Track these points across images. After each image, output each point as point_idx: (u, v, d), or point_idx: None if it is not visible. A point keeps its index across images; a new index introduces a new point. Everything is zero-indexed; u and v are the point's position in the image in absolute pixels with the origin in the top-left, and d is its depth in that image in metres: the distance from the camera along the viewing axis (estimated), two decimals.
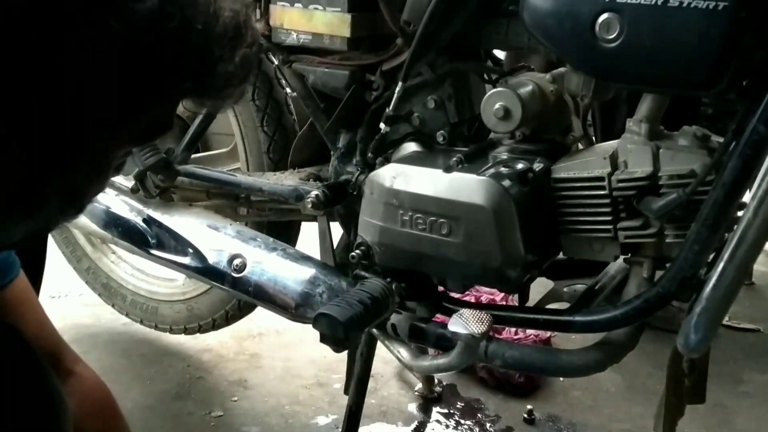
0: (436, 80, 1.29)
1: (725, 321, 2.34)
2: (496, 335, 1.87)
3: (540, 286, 1.30)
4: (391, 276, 1.21)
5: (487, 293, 1.99)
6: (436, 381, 1.98)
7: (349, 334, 1.03)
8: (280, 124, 1.70)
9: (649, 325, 1.30)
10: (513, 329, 1.92)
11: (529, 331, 1.97)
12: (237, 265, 1.37)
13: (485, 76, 1.32)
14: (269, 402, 1.93)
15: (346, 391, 1.57)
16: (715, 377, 2.02)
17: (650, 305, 1.02)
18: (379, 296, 1.11)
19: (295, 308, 1.32)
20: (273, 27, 1.36)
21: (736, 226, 0.86)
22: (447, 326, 1.08)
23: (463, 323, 1.05)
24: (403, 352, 1.26)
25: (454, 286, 1.25)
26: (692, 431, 1.83)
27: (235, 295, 1.57)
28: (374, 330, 1.28)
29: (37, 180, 0.62)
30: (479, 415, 1.90)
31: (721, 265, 0.87)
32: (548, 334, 2.01)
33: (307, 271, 1.35)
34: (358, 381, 1.48)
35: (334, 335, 1.03)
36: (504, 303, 1.93)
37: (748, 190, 0.92)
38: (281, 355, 2.14)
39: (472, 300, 1.94)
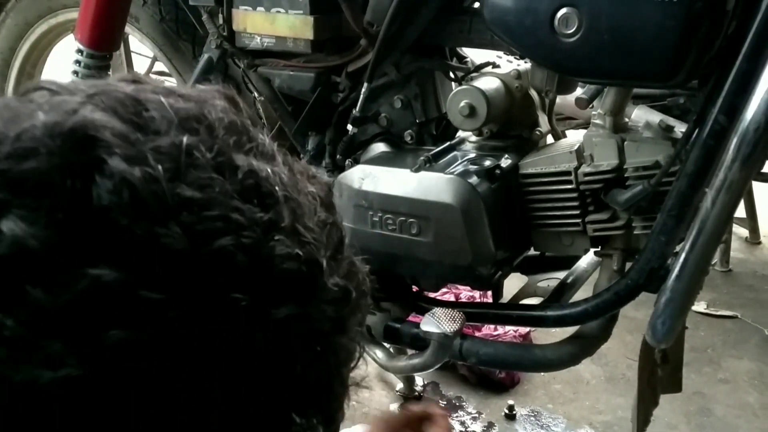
0: (401, 80, 1.29)
1: (703, 308, 2.37)
2: (475, 332, 1.88)
3: (519, 282, 1.30)
4: None
5: (465, 291, 2.00)
6: (417, 380, 1.98)
7: None
8: None
9: None
10: (492, 326, 1.92)
11: (508, 327, 1.97)
12: None
13: (451, 74, 1.32)
14: None
15: None
16: (693, 365, 2.05)
17: (620, 297, 1.03)
18: None
19: None
20: (236, 31, 1.36)
21: (695, 217, 0.87)
22: (420, 326, 1.08)
23: (436, 322, 1.05)
24: (379, 353, 1.26)
25: (428, 285, 1.25)
26: (671, 420, 1.85)
27: None
28: None
29: None
30: (461, 412, 1.90)
31: (683, 255, 0.88)
32: (527, 329, 2.01)
33: None
34: None
35: None
36: (481, 300, 1.93)
37: None
38: None
39: (451, 298, 1.94)
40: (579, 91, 1.18)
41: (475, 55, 1.38)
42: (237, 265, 0.41)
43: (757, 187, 2.62)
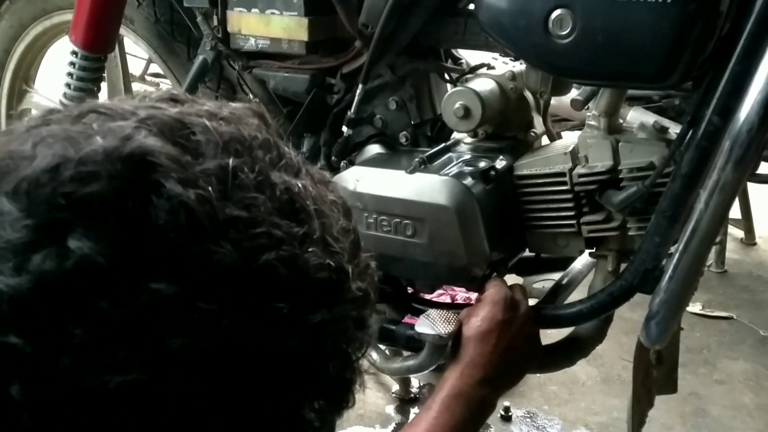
0: (396, 81, 1.29)
1: (698, 309, 2.37)
2: None
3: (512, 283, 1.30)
4: None
5: (461, 292, 2.00)
6: (413, 382, 1.98)
7: None
8: None
9: None
10: None
11: None
12: None
13: (446, 75, 1.32)
14: None
15: None
16: (688, 366, 2.06)
17: (615, 298, 1.03)
18: None
19: None
20: (231, 33, 1.36)
21: (689, 218, 0.87)
22: (414, 328, 1.07)
23: (431, 324, 1.05)
24: (374, 355, 1.26)
25: (423, 286, 1.25)
26: (667, 420, 1.85)
27: None
28: None
29: None
30: None
31: (677, 256, 0.88)
32: None
33: None
34: None
35: None
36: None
37: None
38: None
39: (448, 299, 1.94)
40: (574, 93, 1.19)
41: (469, 56, 1.38)
42: (279, 276, 0.46)
43: (752, 188, 2.63)
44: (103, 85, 1.77)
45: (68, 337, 0.40)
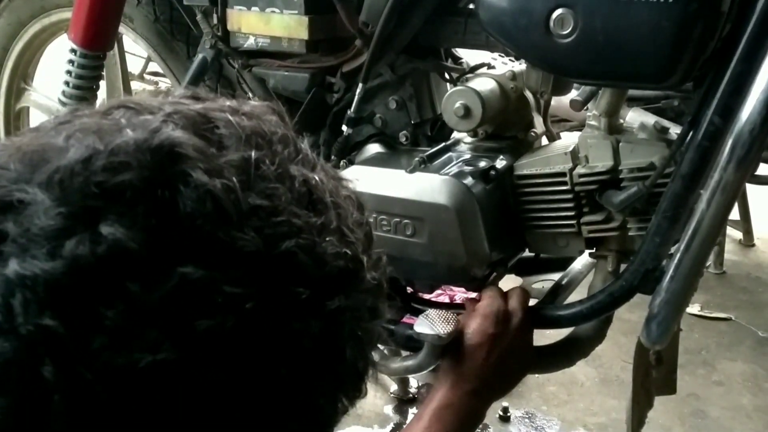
0: (396, 81, 1.28)
1: (697, 311, 2.37)
2: None
3: (513, 283, 1.29)
4: None
5: (460, 292, 1.99)
6: (411, 382, 1.97)
7: None
8: None
9: None
10: None
11: None
12: None
13: (446, 75, 1.32)
14: None
15: None
16: (687, 367, 2.06)
17: (615, 299, 1.03)
18: None
19: None
20: (231, 31, 1.35)
21: (690, 218, 0.87)
22: (413, 327, 1.07)
23: (429, 324, 1.05)
24: (373, 354, 1.25)
25: (422, 286, 1.24)
26: (666, 422, 1.85)
27: None
28: None
29: None
30: None
31: (678, 256, 0.87)
32: None
33: None
34: None
35: None
36: None
37: None
38: None
39: (446, 299, 1.94)
40: (573, 93, 1.18)
41: (470, 56, 1.38)
42: (299, 263, 0.48)
43: (750, 189, 2.63)
44: (102, 84, 1.77)
45: (101, 318, 0.42)
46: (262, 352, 0.47)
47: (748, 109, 0.81)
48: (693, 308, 2.37)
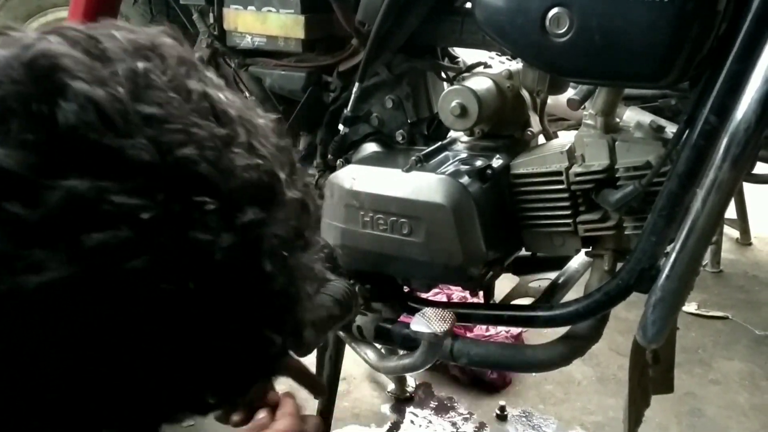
0: (393, 80, 1.29)
1: (694, 309, 2.37)
2: (467, 333, 1.87)
3: (510, 282, 1.30)
4: (355, 278, 1.20)
5: (457, 291, 2.00)
6: (408, 381, 1.97)
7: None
8: None
9: None
10: (484, 326, 1.92)
11: (500, 328, 1.97)
12: None
13: (442, 74, 1.32)
14: None
15: (316, 396, 1.55)
16: (684, 365, 2.06)
17: (611, 297, 1.03)
18: (341, 298, 1.10)
19: None
20: (227, 30, 1.35)
21: (686, 217, 0.87)
22: (410, 326, 1.07)
23: (426, 322, 1.05)
24: (370, 354, 1.26)
25: (419, 285, 1.24)
26: (662, 420, 1.85)
27: None
28: (340, 332, 1.28)
29: None
30: (452, 413, 1.90)
31: (673, 255, 0.88)
32: (518, 330, 2.01)
33: None
34: (327, 384, 1.47)
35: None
36: (474, 300, 1.93)
37: None
38: None
39: (444, 298, 1.94)
40: (571, 92, 1.18)
41: (466, 55, 1.38)
42: (201, 172, 0.46)
43: (747, 188, 2.63)
44: None
45: None
46: (165, 263, 0.44)
47: (743, 108, 0.81)
48: (690, 307, 2.38)
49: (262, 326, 0.53)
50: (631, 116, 1.11)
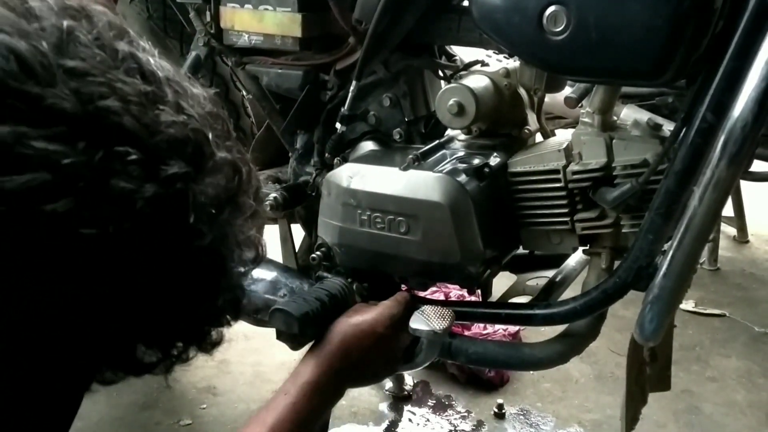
0: (390, 78, 1.28)
1: (691, 307, 2.38)
2: (464, 332, 1.88)
3: (507, 280, 1.30)
4: (353, 276, 1.20)
5: (455, 290, 2.00)
6: (406, 379, 1.97)
7: (304, 330, 1.01)
8: (237, 126, 1.68)
9: None
10: (482, 325, 1.92)
11: (498, 326, 1.98)
12: None
13: (440, 72, 1.31)
14: (239, 408, 1.91)
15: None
16: (681, 363, 2.06)
17: (608, 296, 1.03)
18: (337, 293, 1.10)
19: (257, 312, 1.30)
20: (224, 29, 1.35)
21: (683, 215, 0.87)
22: (409, 324, 1.07)
23: (425, 320, 1.04)
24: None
25: (416, 284, 1.24)
26: (660, 418, 1.86)
27: None
28: None
29: None
30: (450, 411, 1.90)
31: (671, 253, 0.87)
32: (516, 328, 2.01)
33: (269, 275, 1.34)
34: None
35: (289, 331, 1.02)
36: (471, 299, 1.93)
37: None
38: (250, 360, 2.13)
39: (441, 296, 1.94)
40: (568, 90, 1.18)
41: (463, 53, 1.38)
42: (123, 124, 0.48)
43: (745, 186, 2.64)
44: None
45: None
46: (85, 207, 0.47)
47: (740, 106, 0.81)
48: (687, 304, 2.38)
49: (190, 282, 0.55)
50: (628, 114, 1.11)
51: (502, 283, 1.29)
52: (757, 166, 1.98)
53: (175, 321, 0.57)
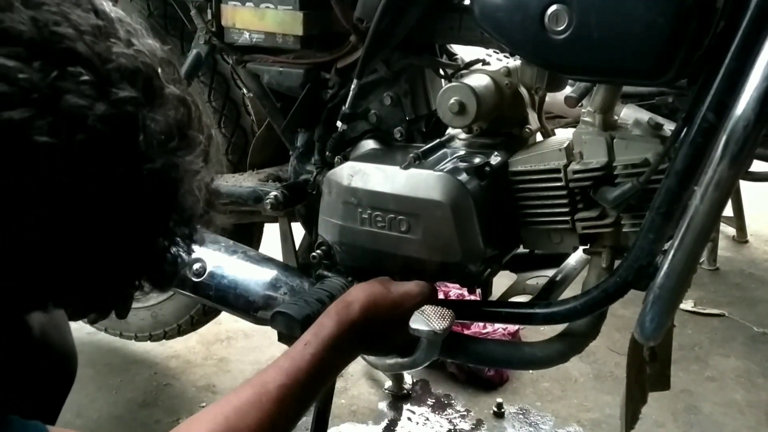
0: (391, 77, 1.28)
1: (690, 307, 2.38)
2: (464, 331, 1.88)
3: (507, 280, 1.30)
4: (353, 275, 1.20)
5: (455, 289, 2.00)
6: (405, 378, 1.97)
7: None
8: (238, 125, 1.68)
9: None
10: (481, 324, 1.92)
11: (497, 325, 1.97)
12: (197, 270, 1.35)
13: (441, 71, 1.31)
14: None
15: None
16: (680, 363, 2.06)
17: (609, 295, 1.03)
18: (338, 294, 1.10)
19: (257, 311, 1.30)
20: (225, 27, 1.35)
21: (684, 214, 0.87)
22: (409, 323, 1.07)
23: (425, 320, 1.05)
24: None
25: None
26: (659, 417, 1.86)
27: (198, 300, 1.55)
28: None
29: None
30: (449, 410, 1.90)
31: (672, 252, 0.87)
32: (516, 327, 2.02)
33: (269, 273, 1.34)
34: None
35: (291, 334, 1.02)
36: (471, 298, 1.93)
37: None
38: (250, 359, 2.13)
39: (441, 295, 1.94)
40: (568, 90, 1.18)
41: (464, 52, 1.38)
42: (77, 48, 0.54)
43: (744, 186, 2.64)
44: None
45: None
46: (39, 117, 0.52)
47: (742, 106, 0.81)
48: (686, 304, 2.38)
49: (142, 204, 0.59)
50: (628, 114, 1.11)
51: (500, 282, 1.29)
52: (757, 166, 1.98)
53: (129, 245, 0.60)
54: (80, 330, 2.16)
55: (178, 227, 0.64)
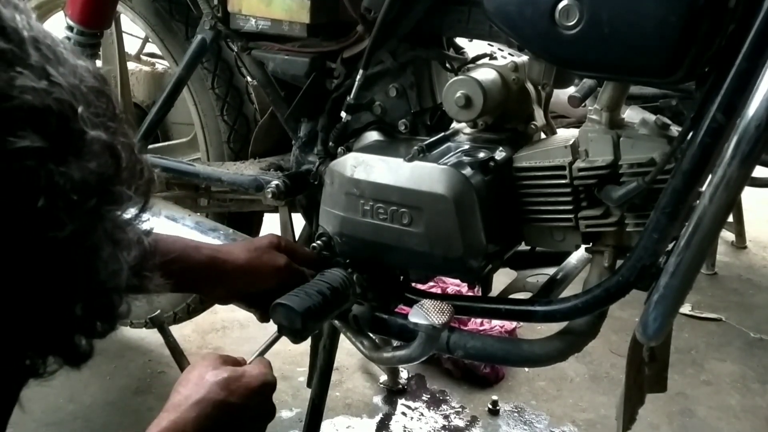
0: (397, 68, 1.27)
1: (687, 311, 2.37)
2: (461, 326, 1.87)
3: (506, 276, 1.29)
4: (353, 266, 1.19)
5: (452, 283, 1.99)
6: (401, 373, 1.97)
7: (306, 325, 1.01)
8: (240, 113, 1.67)
9: None
10: (479, 320, 1.92)
11: (495, 322, 1.97)
12: None
13: (447, 64, 1.30)
14: None
15: (309, 384, 1.55)
16: (676, 366, 2.06)
17: (610, 294, 1.02)
18: (338, 286, 1.09)
19: None
20: (231, 13, 1.34)
21: (692, 214, 0.86)
22: (408, 317, 1.06)
23: (424, 314, 1.04)
24: (366, 344, 1.25)
25: (417, 276, 1.23)
26: (654, 420, 1.85)
27: None
28: (336, 321, 1.27)
29: None
30: (444, 406, 1.90)
31: (678, 252, 0.87)
32: (513, 324, 2.01)
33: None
34: (320, 374, 1.46)
35: (292, 326, 1.01)
36: (469, 293, 1.92)
37: None
38: (245, 349, 2.11)
39: (438, 290, 1.94)
40: (572, 89, 1.18)
41: (471, 46, 1.37)
42: None
43: (743, 192, 2.63)
44: (98, 63, 1.75)
45: None
46: None
47: (754, 105, 0.80)
48: (684, 308, 2.38)
49: (47, 278, 0.48)
50: (632, 116, 1.10)
51: (500, 279, 1.28)
52: (758, 172, 1.98)
53: (30, 323, 0.49)
54: None
55: (94, 300, 0.53)
